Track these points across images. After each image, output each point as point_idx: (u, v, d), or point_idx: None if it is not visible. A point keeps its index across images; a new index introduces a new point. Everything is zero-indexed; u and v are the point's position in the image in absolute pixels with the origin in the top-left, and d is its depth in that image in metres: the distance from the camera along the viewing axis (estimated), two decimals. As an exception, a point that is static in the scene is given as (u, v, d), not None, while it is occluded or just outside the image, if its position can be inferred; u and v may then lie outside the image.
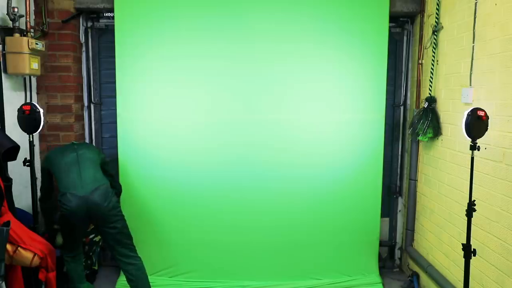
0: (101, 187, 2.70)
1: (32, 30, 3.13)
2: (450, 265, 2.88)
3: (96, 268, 3.38)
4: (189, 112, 3.30)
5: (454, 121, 2.86)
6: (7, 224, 2.28)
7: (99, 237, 3.29)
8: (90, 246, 3.28)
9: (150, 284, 2.85)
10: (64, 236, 2.83)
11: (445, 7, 3.01)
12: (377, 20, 3.25)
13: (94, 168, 2.81)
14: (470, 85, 2.63)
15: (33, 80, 3.37)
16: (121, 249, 2.77)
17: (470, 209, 2.23)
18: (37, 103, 3.11)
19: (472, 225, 2.25)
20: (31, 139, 2.68)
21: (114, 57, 3.27)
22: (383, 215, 3.54)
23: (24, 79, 3.22)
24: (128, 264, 2.77)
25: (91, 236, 3.25)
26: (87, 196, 2.62)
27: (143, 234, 3.33)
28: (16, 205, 2.69)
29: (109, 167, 3.07)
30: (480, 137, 2.19)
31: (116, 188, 3.04)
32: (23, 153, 2.71)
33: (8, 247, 2.29)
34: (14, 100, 3.05)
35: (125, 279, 2.87)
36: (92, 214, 2.65)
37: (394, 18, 3.50)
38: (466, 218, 2.24)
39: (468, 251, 2.23)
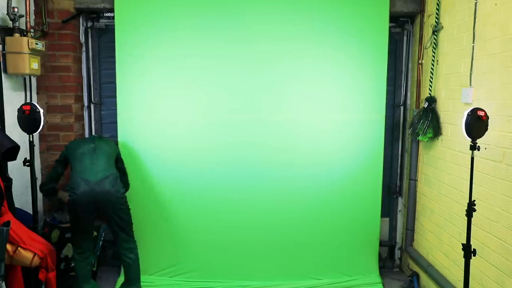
0: (111, 176, 2.83)
1: (32, 30, 3.13)
2: (450, 265, 2.88)
3: (95, 269, 3.38)
4: (189, 112, 3.30)
5: (454, 121, 2.86)
6: (7, 224, 2.28)
7: (94, 233, 3.32)
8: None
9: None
10: (72, 226, 2.92)
11: (445, 7, 3.01)
12: (377, 20, 3.25)
13: (108, 159, 2.93)
14: (470, 85, 2.63)
15: (33, 80, 3.36)
16: (123, 235, 2.95)
17: (470, 209, 2.23)
18: (37, 103, 3.11)
19: (472, 225, 2.25)
20: (31, 139, 2.68)
21: (114, 57, 3.27)
22: (383, 215, 3.54)
23: (24, 79, 3.22)
24: (126, 248, 2.97)
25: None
26: (97, 182, 2.75)
27: (143, 234, 3.33)
28: (16, 205, 2.68)
29: (123, 164, 3.16)
30: (480, 137, 2.19)
31: (124, 183, 3.06)
32: (23, 153, 2.71)
33: (8, 247, 2.29)
34: (14, 100, 3.05)
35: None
36: (99, 201, 2.76)
37: (394, 18, 3.50)
38: (466, 218, 2.24)
39: (468, 251, 2.23)
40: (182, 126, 3.31)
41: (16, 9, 2.93)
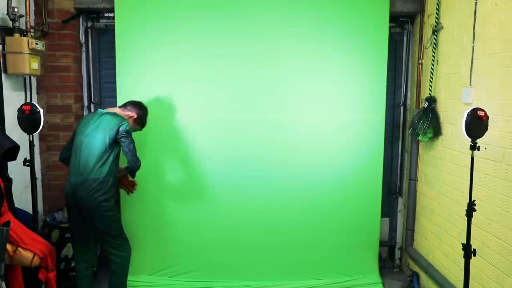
0: (89, 181, 2.61)
1: (32, 30, 3.13)
2: (450, 265, 2.88)
3: (95, 269, 3.37)
4: (189, 112, 3.29)
5: (454, 121, 2.86)
6: (7, 224, 2.28)
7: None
8: None
9: (127, 279, 2.91)
10: (69, 226, 2.89)
11: (445, 7, 3.01)
12: (377, 20, 3.25)
13: (93, 156, 2.67)
14: (470, 85, 2.63)
15: (33, 80, 3.36)
16: (104, 245, 2.82)
17: (470, 209, 2.22)
18: (37, 103, 3.10)
19: (472, 225, 2.24)
20: (31, 139, 2.68)
21: (114, 57, 3.26)
22: (383, 215, 3.54)
23: (24, 79, 3.22)
24: (109, 259, 2.84)
25: None
26: (77, 184, 2.65)
27: (143, 234, 3.34)
28: (16, 205, 2.68)
29: (126, 139, 2.74)
30: (480, 137, 2.19)
31: (130, 163, 2.77)
32: (23, 153, 2.71)
33: (8, 247, 2.29)
34: (14, 100, 3.05)
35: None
36: (78, 205, 2.67)
37: (394, 18, 3.50)
38: (466, 218, 2.24)
39: (468, 251, 2.23)
40: (183, 126, 3.30)
41: (16, 9, 2.93)
